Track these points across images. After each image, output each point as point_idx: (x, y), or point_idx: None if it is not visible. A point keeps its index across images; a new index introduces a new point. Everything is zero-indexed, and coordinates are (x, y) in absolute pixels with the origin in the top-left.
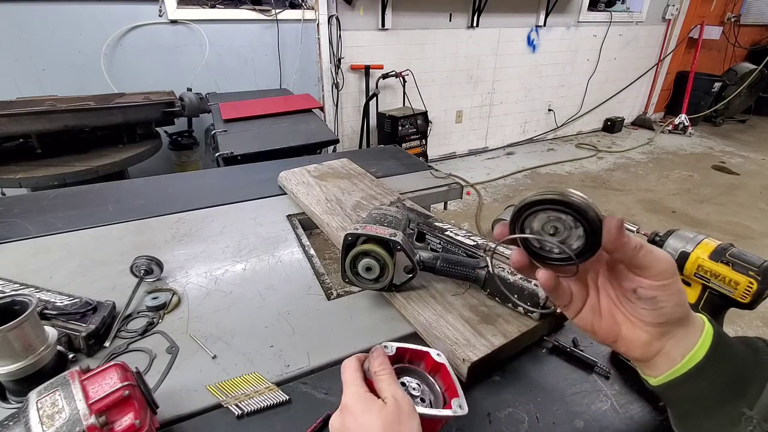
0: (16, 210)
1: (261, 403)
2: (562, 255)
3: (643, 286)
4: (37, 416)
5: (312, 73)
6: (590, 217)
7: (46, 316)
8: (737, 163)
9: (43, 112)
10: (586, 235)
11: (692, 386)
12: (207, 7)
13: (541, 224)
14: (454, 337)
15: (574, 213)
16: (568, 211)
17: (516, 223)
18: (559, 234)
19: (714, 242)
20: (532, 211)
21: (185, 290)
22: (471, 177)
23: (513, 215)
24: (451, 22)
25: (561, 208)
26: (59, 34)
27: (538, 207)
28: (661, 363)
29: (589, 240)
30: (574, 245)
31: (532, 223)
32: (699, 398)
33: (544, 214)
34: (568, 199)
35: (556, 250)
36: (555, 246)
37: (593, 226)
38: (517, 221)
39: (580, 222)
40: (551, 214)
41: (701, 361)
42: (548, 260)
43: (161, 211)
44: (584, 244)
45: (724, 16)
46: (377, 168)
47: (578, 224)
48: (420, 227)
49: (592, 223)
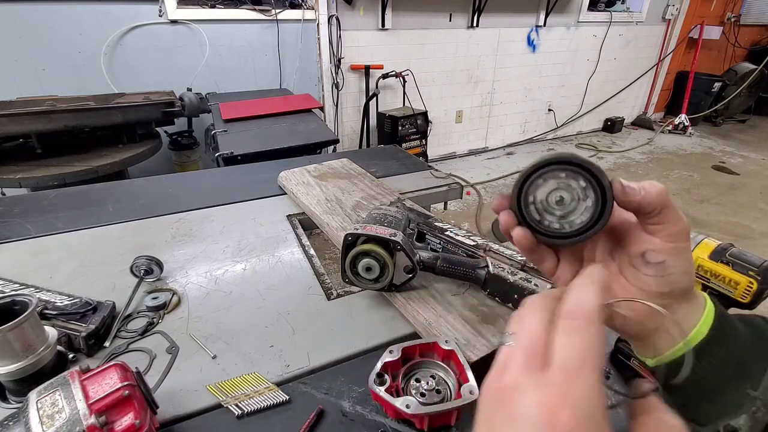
0: (16, 210)
1: (261, 403)
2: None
3: (653, 248)
4: (37, 416)
5: (312, 73)
6: (605, 182)
7: (46, 316)
8: (737, 163)
9: (43, 112)
10: (595, 207)
11: (694, 367)
12: (207, 7)
13: (547, 192)
14: (454, 337)
15: (588, 175)
16: (582, 174)
17: (521, 190)
18: (564, 206)
19: (714, 242)
20: (543, 173)
21: (185, 290)
22: (471, 177)
23: (520, 179)
24: (451, 22)
25: (576, 171)
26: (59, 34)
27: (551, 168)
28: (659, 342)
29: (598, 212)
30: (577, 220)
31: (537, 190)
32: (699, 381)
33: (554, 181)
34: (586, 160)
35: (556, 225)
36: (555, 221)
37: (605, 193)
38: (522, 187)
39: (593, 188)
40: (561, 181)
41: (703, 340)
42: (547, 236)
43: (161, 211)
44: (590, 218)
45: (724, 16)
46: (377, 168)
47: (588, 194)
48: (420, 227)
49: (605, 189)
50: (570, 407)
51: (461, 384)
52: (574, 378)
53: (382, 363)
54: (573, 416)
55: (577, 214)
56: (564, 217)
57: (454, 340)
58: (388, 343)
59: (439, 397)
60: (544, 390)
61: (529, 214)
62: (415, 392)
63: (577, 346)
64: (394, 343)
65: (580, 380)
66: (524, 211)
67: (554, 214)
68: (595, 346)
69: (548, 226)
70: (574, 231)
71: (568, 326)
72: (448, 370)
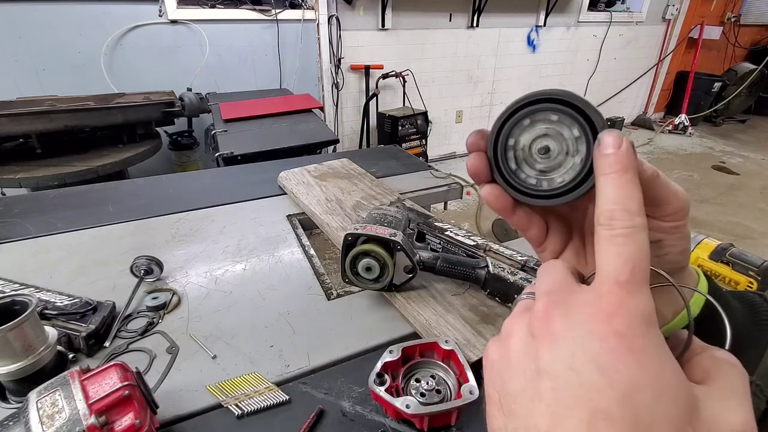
0: (16, 210)
1: (261, 403)
2: (537, 188)
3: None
4: (37, 416)
5: (312, 73)
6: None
7: (46, 316)
8: (737, 163)
9: (43, 112)
10: (582, 167)
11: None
12: (207, 7)
13: (532, 138)
14: (454, 337)
15: (586, 125)
16: (579, 121)
17: (501, 129)
18: (548, 158)
19: (714, 242)
20: (533, 111)
21: (185, 290)
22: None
23: (503, 114)
24: (451, 22)
25: (572, 116)
26: (59, 34)
27: (544, 106)
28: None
29: (583, 174)
30: (558, 179)
31: (521, 134)
32: None
33: (543, 125)
34: (588, 103)
35: (532, 181)
36: (533, 176)
37: None
38: (503, 125)
39: (586, 143)
40: (552, 127)
41: (696, 318)
42: (519, 191)
43: (161, 211)
44: (572, 179)
45: (724, 16)
46: (377, 168)
47: (579, 149)
48: (420, 227)
49: None
50: (627, 316)
51: (461, 384)
52: (627, 288)
53: (382, 363)
54: (631, 326)
55: (560, 172)
56: (544, 173)
57: (454, 340)
58: (388, 343)
59: (439, 397)
60: (593, 305)
61: (506, 162)
62: (415, 392)
63: (625, 255)
64: (394, 343)
65: (636, 291)
66: (500, 157)
67: (534, 167)
68: (646, 251)
69: (524, 180)
70: (551, 191)
71: (610, 235)
72: (448, 370)
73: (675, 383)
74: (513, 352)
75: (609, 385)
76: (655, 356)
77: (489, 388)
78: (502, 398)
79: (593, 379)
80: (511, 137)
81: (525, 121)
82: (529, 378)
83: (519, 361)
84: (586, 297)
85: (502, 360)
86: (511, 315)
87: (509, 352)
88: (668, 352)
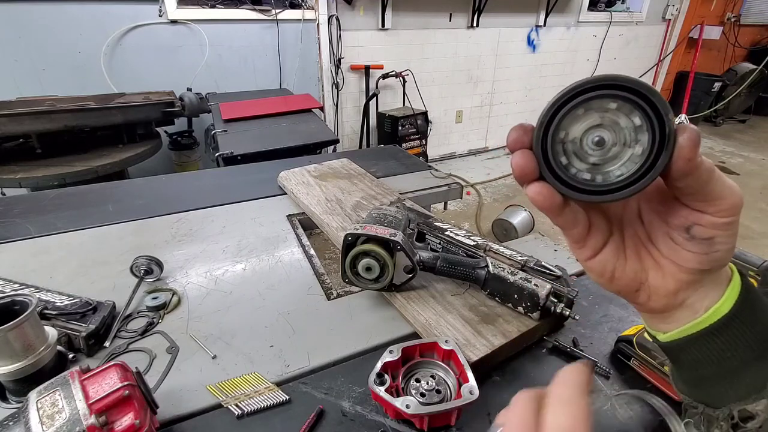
0: (16, 210)
1: (261, 403)
2: (593, 183)
3: (702, 224)
4: (37, 416)
5: (312, 73)
6: (669, 122)
7: (46, 316)
8: (737, 163)
9: (43, 112)
10: (644, 159)
11: (712, 344)
12: (207, 7)
13: (585, 129)
14: (454, 337)
15: (650, 111)
16: (642, 107)
17: (550, 121)
18: (603, 150)
19: None
20: (587, 99)
21: (185, 290)
22: (471, 177)
23: (552, 105)
24: (451, 22)
25: (634, 101)
26: (59, 34)
27: (600, 93)
28: (680, 315)
29: (646, 166)
30: (615, 172)
31: (572, 125)
32: (718, 359)
33: (598, 115)
34: (651, 88)
35: (586, 176)
36: (585, 170)
37: (665, 141)
38: (554, 117)
39: (651, 131)
40: (608, 116)
41: (727, 315)
42: (571, 188)
43: (161, 211)
44: (634, 173)
45: (724, 16)
46: (377, 168)
47: (640, 138)
48: (420, 227)
49: (668, 133)
50: None
51: (461, 384)
52: None
53: (382, 363)
54: None
55: (616, 164)
56: (597, 166)
57: (454, 340)
58: (388, 343)
59: (439, 397)
60: None
61: (555, 156)
62: (415, 392)
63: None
64: (394, 343)
65: None
66: (549, 151)
67: (586, 160)
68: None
69: (575, 175)
70: (607, 186)
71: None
72: (448, 370)
73: None
74: None
75: None
76: None
77: None
78: None
79: None
80: (561, 129)
81: (579, 110)
82: None
83: None
84: None
85: None
86: None
87: None
88: None
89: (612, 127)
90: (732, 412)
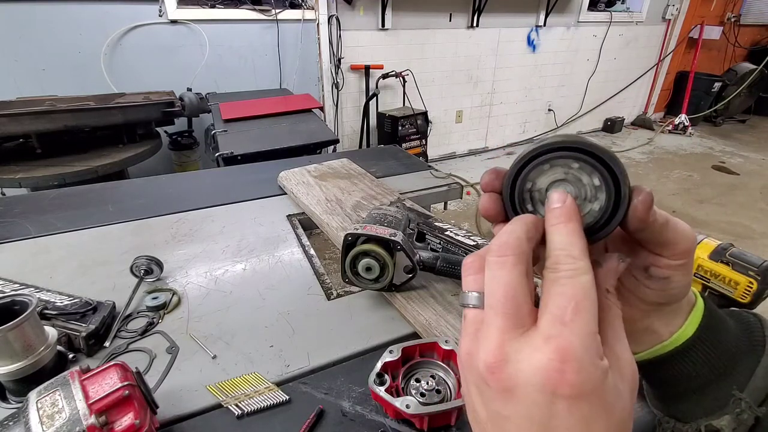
0: (16, 210)
1: (261, 403)
2: None
3: (659, 266)
4: (37, 416)
5: (312, 73)
6: (624, 187)
7: (46, 316)
8: (737, 163)
9: (43, 112)
10: (600, 215)
11: (677, 365)
12: (207, 7)
13: (550, 182)
14: (454, 337)
15: (608, 175)
16: (600, 171)
17: (519, 172)
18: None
19: (714, 242)
20: (552, 157)
21: (185, 290)
22: (471, 177)
23: (522, 158)
24: (451, 22)
25: (594, 165)
26: (59, 34)
27: (564, 153)
28: (645, 339)
29: (602, 222)
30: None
31: (539, 177)
32: (684, 378)
33: (562, 170)
34: (611, 154)
35: None
36: None
37: (621, 203)
38: (522, 169)
39: (607, 192)
40: (571, 173)
41: (690, 339)
42: None
43: (161, 211)
44: (589, 226)
45: (724, 16)
46: (377, 168)
47: (599, 197)
48: (420, 227)
49: (623, 196)
50: (574, 361)
51: (461, 384)
52: (571, 326)
53: (382, 363)
54: (579, 370)
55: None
56: None
57: (454, 340)
58: (388, 343)
59: (439, 397)
60: (542, 350)
61: (522, 204)
62: (415, 392)
63: (569, 295)
64: (394, 343)
65: (578, 327)
66: (516, 197)
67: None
68: (588, 292)
69: None
70: None
71: (556, 277)
72: (448, 370)
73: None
74: (472, 391)
75: None
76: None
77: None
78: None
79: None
80: (528, 180)
81: (545, 165)
82: (493, 417)
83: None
84: (534, 342)
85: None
86: (464, 331)
87: (469, 385)
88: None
89: (575, 182)
90: (700, 427)
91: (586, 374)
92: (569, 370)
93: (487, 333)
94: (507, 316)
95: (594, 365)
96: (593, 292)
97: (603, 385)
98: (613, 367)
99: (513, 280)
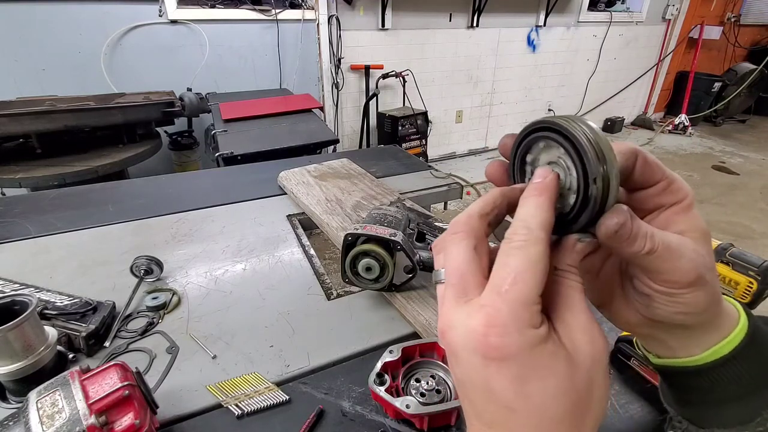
0: (16, 210)
1: (261, 403)
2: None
3: (641, 280)
4: (37, 416)
5: (312, 73)
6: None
7: (46, 316)
8: (737, 163)
9: (43, 112)
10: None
11: (705, 378)
12: (207, 7)
13: (548, 161)
14: None
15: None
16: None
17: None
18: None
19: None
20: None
21: (185, 290)
22: (471, 177)
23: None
24: (451, 22)
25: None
26: (59, 34)
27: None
28: (659, 349)
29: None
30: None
31: (540, 153)
32: (709, 390)
33: (556, 152)
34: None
35: None
36: None
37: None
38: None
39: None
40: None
41: (726, 356)
42: None
43: (161, 211)
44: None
45: (724, 16)
46: (377, 168)
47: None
48: (420, 227)
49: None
50: (499, 326)
51: None
52: (504, 296)
53: (382, 363)
54: (502, 334)
55: (563, 202)
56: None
57: None
58: (388, 343)
59: (439, 397)
60: (474, 317)
61: (522, 174)
62: (415, 392)
63: (511, 266)
64: (394, 343)
65: (511, 297)
66: (517, 167)
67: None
68: (532, 264)
69: None
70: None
71: (506, 248)
72: (448, 370)
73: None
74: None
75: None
76: (536, 361)
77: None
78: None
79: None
80: (530, 153)
81: (540, 143)
82: (456, 379)
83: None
84: (470, 309)
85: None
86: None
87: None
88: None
89: (564, 169)
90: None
91: (509, 338)
92: (492, 334)
93: (441, 303)
94: (454, 287)
95: (519, 331)
96: (540, 265)
97: (535, 349)
98: (562, 335)
99: (460, 255)
